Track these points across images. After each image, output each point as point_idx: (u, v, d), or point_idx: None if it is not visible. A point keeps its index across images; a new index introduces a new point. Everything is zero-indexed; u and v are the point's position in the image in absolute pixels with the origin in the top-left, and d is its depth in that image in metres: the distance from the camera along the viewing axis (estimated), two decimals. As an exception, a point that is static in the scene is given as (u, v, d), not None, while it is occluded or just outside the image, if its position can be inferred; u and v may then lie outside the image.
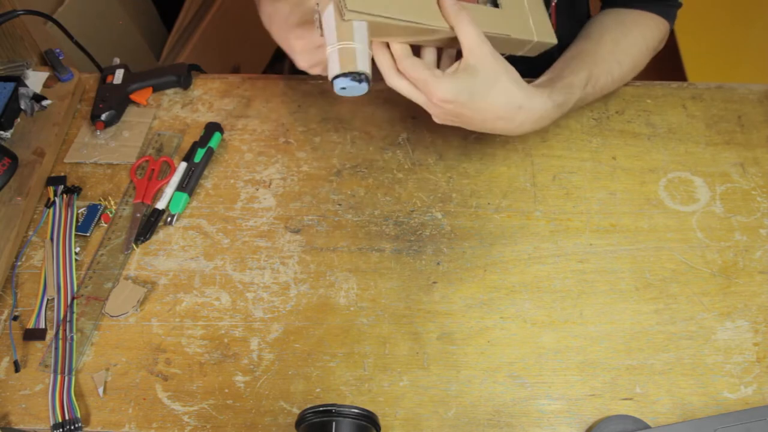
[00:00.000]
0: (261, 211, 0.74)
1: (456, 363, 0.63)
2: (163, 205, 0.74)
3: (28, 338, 0.65)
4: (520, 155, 0.77)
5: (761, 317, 0.65)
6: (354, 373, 0.63)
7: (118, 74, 0.83)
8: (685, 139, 0.78)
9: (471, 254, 0.70)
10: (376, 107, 0.82)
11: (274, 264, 0.70)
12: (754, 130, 0.79)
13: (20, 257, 0.71)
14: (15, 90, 0.79)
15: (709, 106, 0.81)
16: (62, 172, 0.78)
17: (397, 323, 0.66)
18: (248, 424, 0.61)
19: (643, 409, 0.61)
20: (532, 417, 0.61)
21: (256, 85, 0.85)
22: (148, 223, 0.72)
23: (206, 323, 0.66)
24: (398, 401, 0.61)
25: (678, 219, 0.72)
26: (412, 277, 0.69)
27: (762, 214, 0.72)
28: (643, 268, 0.69)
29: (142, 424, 0.61)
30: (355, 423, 0.54)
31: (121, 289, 0.68)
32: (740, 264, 0.69)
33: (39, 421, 0.61)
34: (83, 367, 0.64)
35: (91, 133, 0.80)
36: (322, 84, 0.85)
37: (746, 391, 0.61)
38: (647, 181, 0.75)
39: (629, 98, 0.82)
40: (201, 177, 0.76)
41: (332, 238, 0.72)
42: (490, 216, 0.73)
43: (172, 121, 0.82)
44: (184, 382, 0.63)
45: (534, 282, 0.68)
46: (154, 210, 0.73)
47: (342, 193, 0.75)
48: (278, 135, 0.80)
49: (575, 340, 0.64)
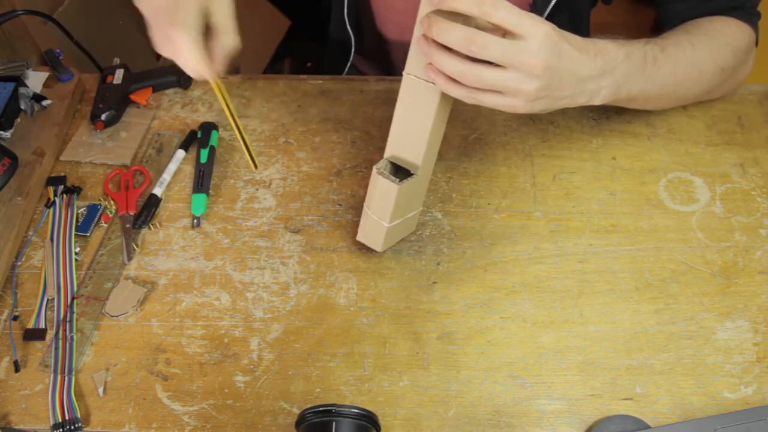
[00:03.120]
0: (261, 211, 0.74)
1: (456, 363, 0.63)
2: (160, 192, 0.75)
3: (28, 338, 0.65)
4: (520, 155, 0.77)
5: (761, 317, 0.65)
6: (354, 373, 0.63)
7: (118, 74, 0.83)
8: (685, 140, 0.78)
9: (471, 254, 0.70)
10: (376, 107, 0.83)
11: (274, 264, 0.70)
12: (754, 130, 0.79)
13: (20, 257, 0.71)
14: (15, 90, 0.79)
15: (709, 107, 0.81)
16: (62, 172, 0.78)
17: (397, 323, 0.66)
18: (248, 424, 0.61)
19: (643, 409, 0.61)
20: (532, 417, 0.60)
21: (256, 85, 0.85)
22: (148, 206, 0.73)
23: (206, 323, 0.66)
24: (398, 401, 0.61)
25: (678, 219, 0.72)
26: (412, 277, 0.69)
27: (762, 215, 0.72)
28: (643, 269, 0.69)
29: (142, 424, 0.61)
30: (355, 423, 0.54)
31: (121, 289, 0.68)
32: (740, 264, 0.69)
33: (39, 421, 0.61)
34: (83, 367, 0.64)
35: (89, 132, 0.80)
36: (322, 84, 0.85)
37: (746, 391, 0.61)
38: (647, 181, 0.75)
39: (629, 98, 0.82)
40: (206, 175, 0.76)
41: (332, 238, 0.72)
42: (490, 216, 0.73)
43: (172, 121, 0.82)
44: (184, 382, 0.63)
45: (534, 282, 0.68)
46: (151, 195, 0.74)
47: (342, 193, 0.75)
48: (278, 135, 0.80)
49: (575, 340, 0.64)
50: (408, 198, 0.63)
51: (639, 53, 0.64)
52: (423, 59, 0.55)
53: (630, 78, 0.63)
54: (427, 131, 0.59)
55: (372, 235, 0.66)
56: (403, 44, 0.61)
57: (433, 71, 0.54)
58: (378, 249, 0.66)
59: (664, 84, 0.68)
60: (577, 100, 0.60)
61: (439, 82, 0.55)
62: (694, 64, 0.69)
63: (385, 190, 0.60)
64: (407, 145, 0.61)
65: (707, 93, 0.76)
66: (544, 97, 0.56)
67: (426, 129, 0.59)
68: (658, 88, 0.68)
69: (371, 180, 0.62)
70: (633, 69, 0.63)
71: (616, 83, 0.62)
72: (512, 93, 0.55)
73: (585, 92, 0.60)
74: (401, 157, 0.62)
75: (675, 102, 0.76)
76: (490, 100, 0.56)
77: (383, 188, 0.60)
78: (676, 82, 0.69)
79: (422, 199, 0.68)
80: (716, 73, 0.72)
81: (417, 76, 0.56)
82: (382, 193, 0.61)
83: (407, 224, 0.68)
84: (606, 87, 0.61)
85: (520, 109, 0.57)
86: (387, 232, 0.64)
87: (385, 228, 0.63)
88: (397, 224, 0.65)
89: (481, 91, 0.55)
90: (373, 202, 0.62)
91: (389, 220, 0.62)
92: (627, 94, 0.65)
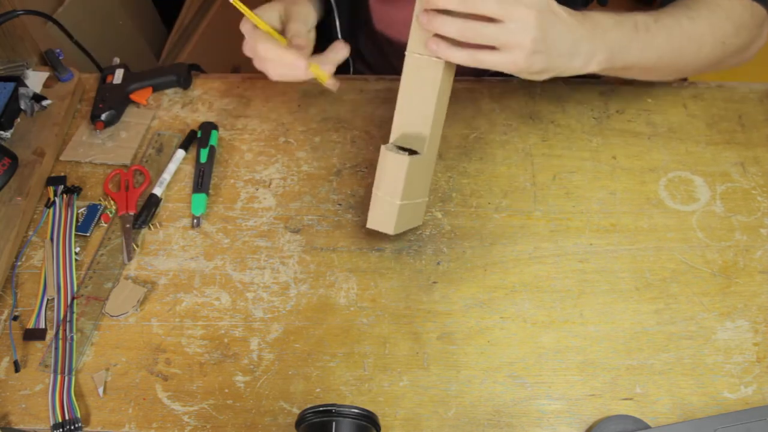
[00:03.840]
0: (261, 211, 0.74)
1: (456, 363, 0.63)
2: (160, 192, 0.75)
3: (28, 338, 0.65)
4: (520, 155, 0.77)
5: (761, 317, 0.65)
6: (354, 373, 0.63)
7: (118, 74, 0.83)
8: (685, 139, 0.78)
9: (471, 254, 0.70)
10: (376, 107, 0.82)
11: (274, 264, 0.70)
12: (755, 129, 0.79)
13: (20, 257, 0.71)
14: (15, 90, 0.79)
15: (709, 106, 0.81)
16: (62, 172, 0.78)
17: (397, 323, 0.66)
18: (248, 424, 0.61)
19: (643, 409, 0.60)
20: (532, 417, 0.60)
21: (256, 85, 0.85)
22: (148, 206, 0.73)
23: (206, 323, 0.66)
24: (398, 401, 0.61)
25: (678, 219, 0.72)
26: (412, 277, 0.69)
27: (762, 214, 0.72)
28: (644, 268, 0.69)
29: (142, 424, 0.61)
30: (355, 423, 0.54)
31: (121, 289, 0.68)
32: (740, 264, 0.69)
33: (39, 421, 0.61)
34: (83, 367, 0.64)
35: (89, 132, 0.80)
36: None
37: (746, 391, 0.61)
38: (647, 180, 0.75)
39: (629, 97, 0.82)
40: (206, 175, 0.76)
41: (332, 238, 0.72)
42: (490, 216, 0.73)
43: (171, 120, 0.82)
44: (184, 382, 0.63)
45: (534, 282, 0.68)
46: (151, 195, 0.74)
47: (342, 193, 0.75)
48: (278, 135, 0.80)
49: (575, 340, 0.64)
50: (416, 179, 0.65)
51: (629, 22, 0.65)
52: (424, 37, 0.59)
53: (623, 46, 0.64)
54: (432, 108, 0.61)
55: (383, 217, 0.66)
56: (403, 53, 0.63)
57: (435, 42, 0.58)
58: (390, 231, 0.65)
59: (660, 55, 0.68)
60: (573, 62, 0.61)
61: (441, 50, 0.58)
62: (692, 36, 0.69)
63: (395, 166, 0.62)
64: (413, 126, 0.63)
65: (713, 65, 0.75)
66: (541, 51, 0.58)
67: (431, 106, 0.61)
68: (655, 58, 0.68)
69: (380, 160, 0.63)
70: (625, 37, 0.64)
71: (609, 50, 0.63)
72: (511, 47, 0.57)
73: (580, 54, 0.61)
74: (408, 137, 0.64)
75: (677, 73, 0.76)
76: (491, 59, 0.58)
77: (394, 164, 0.62)
78: (673, 53, 0.69)
79: (428, 186, 0.69)
80: (717, 46, 0.72)
81: (420, 54, 0.60)
82: (393, 169, 0.62)
83: (416, 211, 0.69)
84: (600, 52, 0.62)
85: (521, 63, 0.58)
86: (399, 211, 0.64)
87: (397, 206, 0.63)
88: (408, 206, 0.65)
89: (481, 50, 0.57)
90: (383, 183, 0.63)
91: (401, 197, 0.63)
92: (623, 62, 0.65)
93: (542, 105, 0.81)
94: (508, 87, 0.83)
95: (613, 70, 0.67)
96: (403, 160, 0.61)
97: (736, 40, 0.72)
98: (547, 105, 0.81)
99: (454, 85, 0.65)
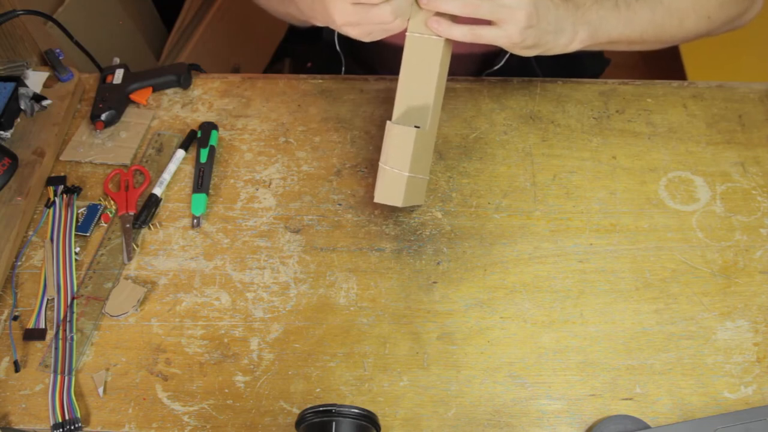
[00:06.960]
0: (261, 211, 0.74)
1: (456, 363, 0.63)
2: (160, 192, 0.75)
3: (28, 338, 0.65)
4: (520, 155, 0.77)
5: (761, 317, 0.65)
6: (354, 373, 0.63)
7: (118, 74, 0.83)
8: (685, 139, 0.78)
9: (471, 254, 0.70)
10: (376, 107, 0.82)
11: (274, 264, 0.70)
12: (755, 129, 0.79)
13: (20, 257, 0.71)
14: (15, 90, 0.79)
15: (709, 105, 0.81)
16: (62, 172, 0.78)
17: (397, 323, 0.66)
18: (248, 424, 0.61)
19: (643, 409, 0.61)
20: (532, 417, 0.60)
21: (256, 85, 0.85)
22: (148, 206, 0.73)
23: (206, 323, 0.66)
24: (398, 401, 0.61)
25: (678, 219, 0.72)
26: (412, 277, 0.69)
27: (762, 214, 0.72)
28: (644, 268, 0.69)
29: (142, 424, 0.61)
30: (355, 423, 0.54)
31: (121, 289, 0.68)
32: (740, 264, 0.69)
33: (39, 421, 0.61)
34: (83, 367, 0.64)
35: (89, 132, 0.80)
36: (322, 83, 0.85)
37: (746, 391, 0.61)
38: (647, 180, 0.75)
39: (630, 97, 0.82)
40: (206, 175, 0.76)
41: (332, 238, 0.72)
42: (490, 216, 0.73)
43: (171, 120, 0.82)
44: (184, 382, 0.63)
45: (534, 282, 0.68)
46: (151, 195, 0.74)
47: (342, 193, 0.75)
48: (278, 135, 0.80)
49: (575, 340, 0.64)
50: (420, 153, 0.67)
51: (610, 1, 0.70)
52: (423, 17, 0.62)
53: (604, 23, 0.69)
54: (434, 84, 0.65)
55: (391, 190, 0.66)
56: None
57: (436, 20, 0.61)
58: (398, 204, 0.66)
59: (643, 30, 0.73)
60: (559, 39, 0.66)
61: (443, 28, 0.61)
62: (673, 11, 0.73)
63: (403, 139, 0.64)
64: (415, 102, 0.66)
65: (701, 35, 0.78)
66: (533, 26, 0.62)
67: (432, 82, 0.65)
68: (638, 32, 0.73)
69: (386, 135, 0.65)
70: (606, 14, 0.69)
71: (591, 25, 0.68)
72: (506, 21, 0.61)
73: (566, 31, 0.66)
74: (410, 114, 0.66)
75: (663, 44, 0.78)
76: (489, 34, 0.62)
77: (401, 137, 0.64)
78: (656, 29, 0.73)
79: (429, 164, 0.72)
80: (701, 20, 0.75)
81: (420, 33, 0.63)
82: (400, 142, 0.64)
83: (419, 188, 0.71)
84: (581, 29, 0.68)
85: (515, 37, 0.62)
86: (407, 183, 0.65)
87: (405, 177, 0.65)
88: (414, 180, 0.67)
89: (479, 25, 0.61)
90: (390, 156, 0.65)
91: (409, 168, 0.65)
92: (607, 37, 0.70)
93: (542, 105, 0.81)
94: (508, 87, 0.83)
95: (598, 44, 0.71)
96: (411, 132, 0.64)
97: (722, 14, 0.75)
98: (547, 105, 0.81)
99: (454, 85, 0.65)
